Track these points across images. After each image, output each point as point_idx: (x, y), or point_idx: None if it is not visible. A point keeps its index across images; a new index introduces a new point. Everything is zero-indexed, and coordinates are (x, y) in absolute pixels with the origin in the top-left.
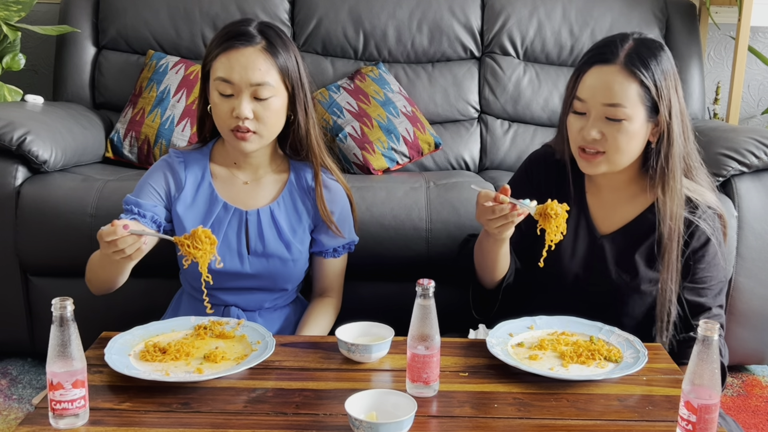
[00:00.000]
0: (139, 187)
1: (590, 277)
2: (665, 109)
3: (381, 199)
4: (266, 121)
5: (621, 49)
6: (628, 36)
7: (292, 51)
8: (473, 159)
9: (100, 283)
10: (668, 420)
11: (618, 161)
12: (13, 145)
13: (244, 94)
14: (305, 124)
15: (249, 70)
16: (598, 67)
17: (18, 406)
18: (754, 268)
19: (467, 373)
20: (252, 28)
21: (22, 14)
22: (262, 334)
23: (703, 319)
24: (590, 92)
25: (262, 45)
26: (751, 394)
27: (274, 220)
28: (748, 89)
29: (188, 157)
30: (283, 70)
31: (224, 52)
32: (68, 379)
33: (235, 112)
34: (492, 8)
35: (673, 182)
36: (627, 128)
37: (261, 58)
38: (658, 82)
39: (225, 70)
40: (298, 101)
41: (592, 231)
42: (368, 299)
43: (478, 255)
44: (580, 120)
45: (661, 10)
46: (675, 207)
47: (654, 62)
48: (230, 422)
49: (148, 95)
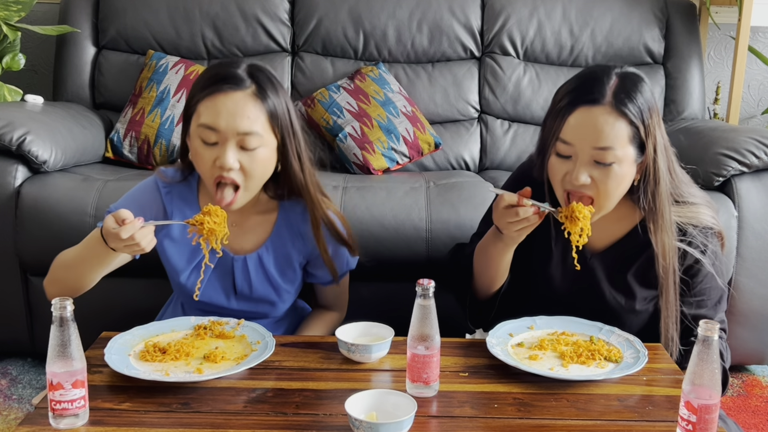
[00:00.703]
0: (126, 202)
1: (582, 297)
2: (651, 146)
3: (381, 199)
4: (253, 174)
5: (607, 87)
6: (611, 70)
7: (282, 95)
8: (473, 159)
9: (73, 283)
10: (668, 420)
11: (606, 206)
12: (13, 145)
13: (229, 142)
14: (300, 172)
15: (237, 117)
16: (585, 108)
17: (18, 406)
18: (754, 268)
19: (467, 373)
20: (241, 70)
21: (22, 14)
22: (262, 334)
23: (702, 320)
24: (578, 135)
25: (252, 90)
26: (751, 394)
27: (262, 266)
28: (748, 89)
29: (174, 189)
30: (273, 117)
31: (210, 95)
32: (68, 379)
33: (218, 162)
34: (492, 8)
35: (662, 221)
36: (616, 172)
37: (250, 104)
38: (645, 120)
39: (210, 116)
40: (290, 149)
41: (581, 251)
42: (368, 299)
43: (481, 262)
44: (565, 164)
45: (661, 10)
46: (667, 246)
47: (640, 98)
48: (230, 422)
49: (148, 95)
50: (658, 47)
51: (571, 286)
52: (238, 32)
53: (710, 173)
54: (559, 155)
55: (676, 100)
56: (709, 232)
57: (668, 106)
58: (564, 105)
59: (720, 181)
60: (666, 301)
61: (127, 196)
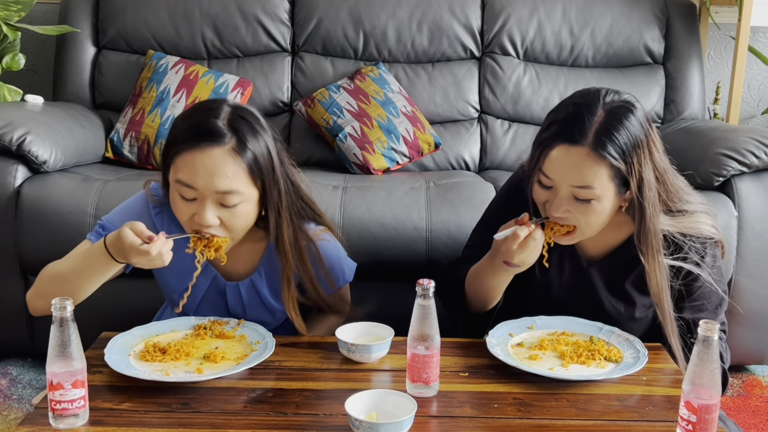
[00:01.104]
0: (118, 217)
1: (581, 306)
2: (635, 183)
3: (381, 199)
4: (233, 228)
5: (590, 127)
6: (597, 104)
7: (264, 139)
8: (473, 159)
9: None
10: (668, 420)
11: (590, 233)
12: (13, 145)
13: (208, 200)
14: (275, 228)
15: (215, 176)
16: (565, 146)
17: (18, 406)
18: (754, 268)
19: (467, 373)
20: (221, 121)
21: (22, 14)
22: (262, 334)
23: (702, 320)
24: (557, 172)
25: (232, 145)
26: (751, 394)
27: (255, 291)
28: (748, 89)
29: (165, 210)
30: (254, 169)
31: (187, 151)
32: (68, 379)
33: (197, 218)
34: (492, 8)
35: (650, 247)
36: (596, 207)
37: (229, 161)
38: (629, 158)
39: (187, 173)
40: (269, 200)
41: (577, 260)
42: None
43: (475, 286)
44: (546, 193)
45: (661, 10)
46: (657, 272)
47: (624, 135)
48: (230, 422)
49: (148, 95)
50: (658, 47)
51: (569, 295)
52: (238, 32)
53: (710, 173)
54: (541, 184)
55: (676, 100)
56: (709, 242)
57: (668, 106)
58: (547, 137)
59: (720, 181)
60: (664, 320)
61: (120, 211)
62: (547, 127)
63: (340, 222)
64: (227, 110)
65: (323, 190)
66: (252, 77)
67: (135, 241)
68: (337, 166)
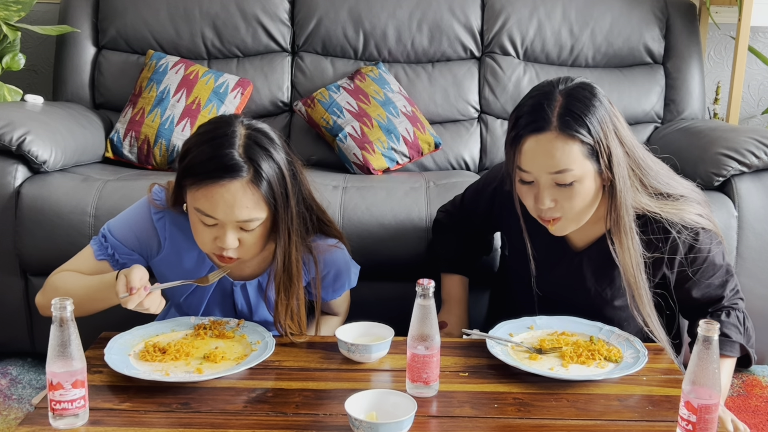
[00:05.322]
0: (120, 225)
1: (569, 292)
2: (605, 161)
3: (381, 199)
4: (251, 248)
5: (551, 112)
6: (554, 91)
7: (278, 159)
8: (473, 159)
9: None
10: (668, 420)
11: (580, 219)
12: (12, 145)
13: (228, 227)
14: (285, 248)
15: (235, 208)
16: (534, 136)
17: (18, 406)
18: (754, 268)
19: (467, 373)
20: (237, 151)
21: (22, 14)
22: (262, 334)
23: (702, 320)
24: (532, 163)
25: (249, 177)
26: (751, 394)
27: (263, 292)
28: (748, 89)
29: (167, 215)
30: (270, 194)
31: (205, 185)
32: (68, 379)
33: (218, 243)
34: (492, 8)
35: (623, 237)
36: (579, 190)
37: (248, 193)
38: (596, 135)
39: (207, 205)
40: (281, 221)
41: (566, 249)
42: (368, 299)
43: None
44: (530, 189)
45: (661, 10)
46: (630, 263)
47: (589, 114)
48: (230, 422)
49: (148, 95)
50: (658, 47)
51: (558, 283)
52: (238, 32)
53: (710, 173)
54: (522, 181)
55: (676, 100)
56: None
57: (668, 106)
58: (515, 134)
59: (720, 181)
60: (642, 309)
61: (124, 221)
62: (513, 125)
63: (340, 222)
64: (242, 135)
65: (323, 190)
66: (252, 77)
67: (120, 290)
68: (337, 166)
